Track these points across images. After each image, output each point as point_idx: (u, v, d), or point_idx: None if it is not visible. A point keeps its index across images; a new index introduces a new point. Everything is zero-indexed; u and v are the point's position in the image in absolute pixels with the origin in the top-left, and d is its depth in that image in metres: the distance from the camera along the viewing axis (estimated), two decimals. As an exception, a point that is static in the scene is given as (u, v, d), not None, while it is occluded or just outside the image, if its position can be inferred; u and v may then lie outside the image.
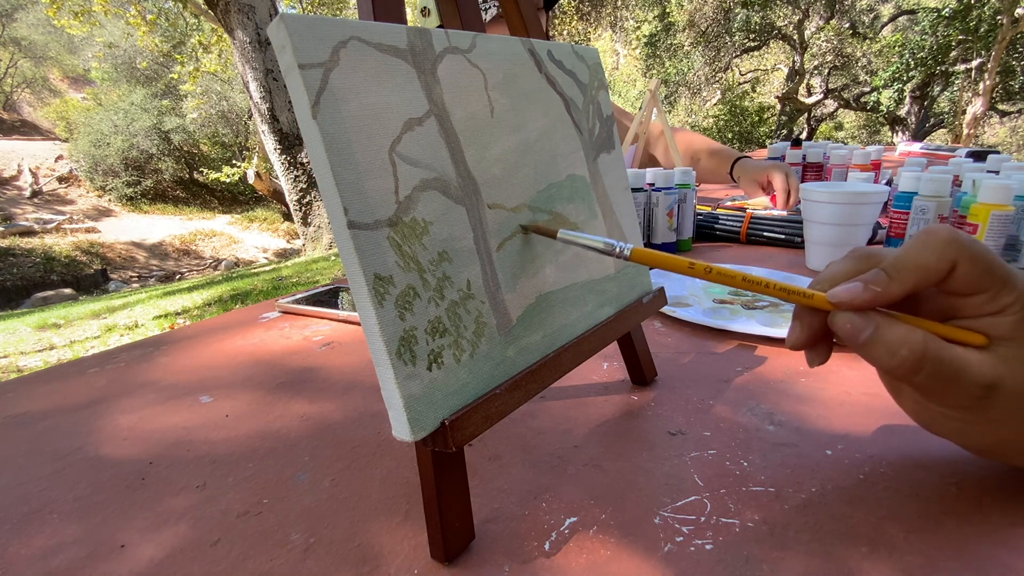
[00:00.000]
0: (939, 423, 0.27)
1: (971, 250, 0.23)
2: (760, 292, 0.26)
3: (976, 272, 0.23)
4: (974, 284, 0.23)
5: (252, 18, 4.04)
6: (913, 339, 0.23)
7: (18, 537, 0.30)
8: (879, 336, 0.23)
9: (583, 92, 0.37)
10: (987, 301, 0.23)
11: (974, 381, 0.23)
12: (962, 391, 0.23)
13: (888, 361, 0.23)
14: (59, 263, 7.79)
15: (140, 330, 3.05)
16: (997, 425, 0.24)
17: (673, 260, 0.27)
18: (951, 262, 0.23)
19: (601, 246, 0.28)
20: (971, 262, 0.23)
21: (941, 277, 0.23)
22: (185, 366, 0.53)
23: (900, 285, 0.23)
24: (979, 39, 7.26)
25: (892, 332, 0.23)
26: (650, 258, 0.27)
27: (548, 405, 0.40)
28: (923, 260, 0.23)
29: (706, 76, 9.92)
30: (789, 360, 0.45)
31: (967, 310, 0.24)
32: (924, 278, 0.23)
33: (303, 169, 4.35)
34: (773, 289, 0.25)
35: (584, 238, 0.29)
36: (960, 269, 0.23)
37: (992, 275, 0.23)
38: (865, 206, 0.66)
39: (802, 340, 0.26)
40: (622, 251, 0.28)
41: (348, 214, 0.22)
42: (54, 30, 10.74)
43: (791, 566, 0.24)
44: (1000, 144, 10.93)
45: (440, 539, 0.25)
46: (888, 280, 0.24)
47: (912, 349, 0.23)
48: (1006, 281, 0.23)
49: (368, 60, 0.24)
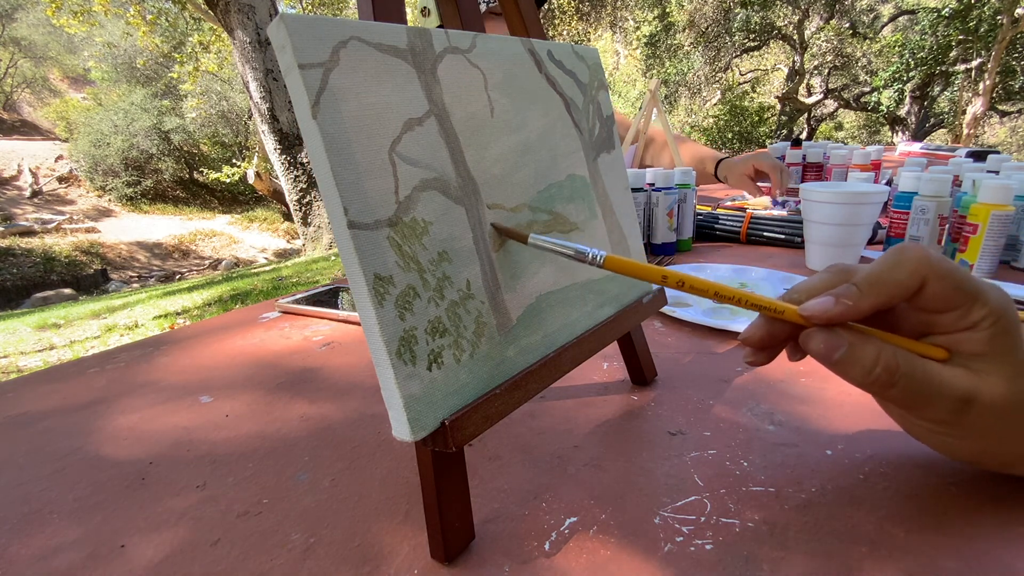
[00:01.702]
0: (923, 435, 0.27)
1: (940, 268, 0.23)
2: (733, 305, 0.26)
3: (945, 289, 0.23)
4: (945, 301, 0.24)
5: (252, 18, 4.04)
6: (885, 356, 0.23)
7: (18, 537, 0.30)
8: (852, 355, 0.24)
9: (583, 92, 0.37)
10: (959, 317, 0.24)
11: (949, 395, 0.24)
12: (938, 404, 0.24)
13: (863, 379, 0.24)
14: (59, 263, 7.78)
15: (140, 330, 3.04)
16: (977, 437, 0.25)
17: (646, 269, 0.26)
18: (921, 279, 0.23)
19: (572, 253, 0.27)
20: (940, 279, 0.23)
21: (910, 293, 0.24)
22: (185, 366, 0.53)
23: (870, 299, 0.24)
24: (979, 39, 7.26)
25: (864, 350, 0.24)
26: (623, 266, 0.27)
27: (548, 405, 0.40)
28: (893, 276, 0.24)
29: (706, 76, 9.92)
30: (789, 360, 0.44)
31: (941, 326, 0.25)
32: (894, 293, 0.24)
33: (303, 169, 4.35)
34: (745, 303, 0.26)
35: (555, 244, 0.27)
36: (930, 286, 0.23)
37: (962, 292, 0.23)
38: (865, 206, 0.66)
39: (756, 339, 0.27)
40: (595, 258, 0.27)
41: (348, 214, 0.22)
42: (54, 30, 10.75)
43: (791, 566, 0.24)
44: (1000, 144, 10.92)
45: (440, 539, 0.25)
46: (859, 294, 0.24)
47: (885, 366, 0.23)
48: (976, 297, 0.23)
49: (368, 60, 0.24)
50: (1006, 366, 0.23)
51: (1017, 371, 0.24)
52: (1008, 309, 0.24)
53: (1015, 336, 0.24)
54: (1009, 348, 0.23)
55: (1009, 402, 0.23)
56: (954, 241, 0.70)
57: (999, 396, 0.23)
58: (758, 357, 0.27)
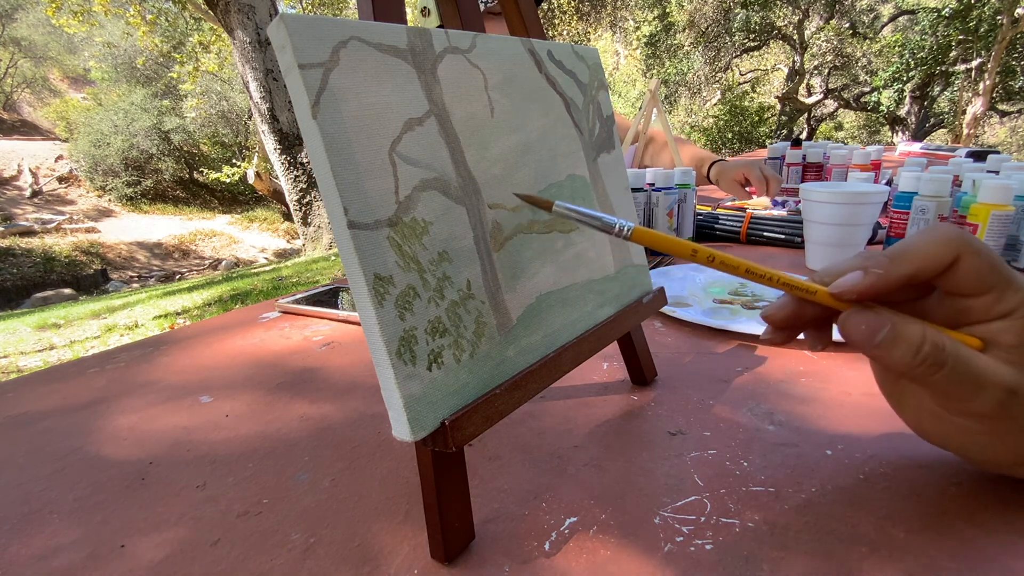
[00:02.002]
0: (955, 436, 0.25)
1: (975, 245, 0.22)
2: (763, 283, 0.26)
3: (980, 267, 0.22)
4: (978, 281, 0.23)
5: (252, 18, 4.04)
6: (931, 334, 0.22)
7: (18, 537, 0.30)
8: (898, 334, 0.22)
9: (583, 92, 0.37)
10: (993, 303, 0.23)
11: (996, 382, 0.22)
12: (985, 394, 0.22)
13: (911, 358, 0.22)
14: (59, 263, 7.78)
15: (140, 330, 3.04)
16: (1019, 434, 0.23)
17: (676, 243, 0.26)
18: (954, 254, 0.22)
19: (599, 223, 0.26)
20: (975, 256, 0.22)
21: (943, 267, 0.23)
22: (185, 366, 0.53)
23: (900, 268, 0.23)
24: (979, 39, 7.25)
25: (910, 329, 0.22)
26: (652, 239, 0.26)
27: (548, 405, 0.40)
28: (926, 248, 0.23)
29: (706, 76, 9.92)
30: (789, 360, 0.45)
31: (974, 314, 0.23)
32: (925, 265, 0.23)
33: (303, 169, 4.35)
34: (776, 282, 0.25)
35: (582, 212, 0.27)
36: (964, 263, 0.22)
37: (996, 273, 0.22)
38: (865, 206, 0.66)
39: (780, 318, 0.26)
40: (622, 229, 0.26)
41: (348, 214, 0.22)
42: (54, 30, 10.74)
43: (791, 566, 0.24)
44: (1000, 144, 10.92)
45: (440, 539, 0.25)
46: (888, 263, 0.23)
47: (933, 344, 0.22)
48: (1010, 282, 0.22)
49: (368, 60, 0.24)
50: None
51: None
52: None
53: None
54: None
55: None
56: (954, 241, 0.70)
57: None
58: (777, 336, 0.26)
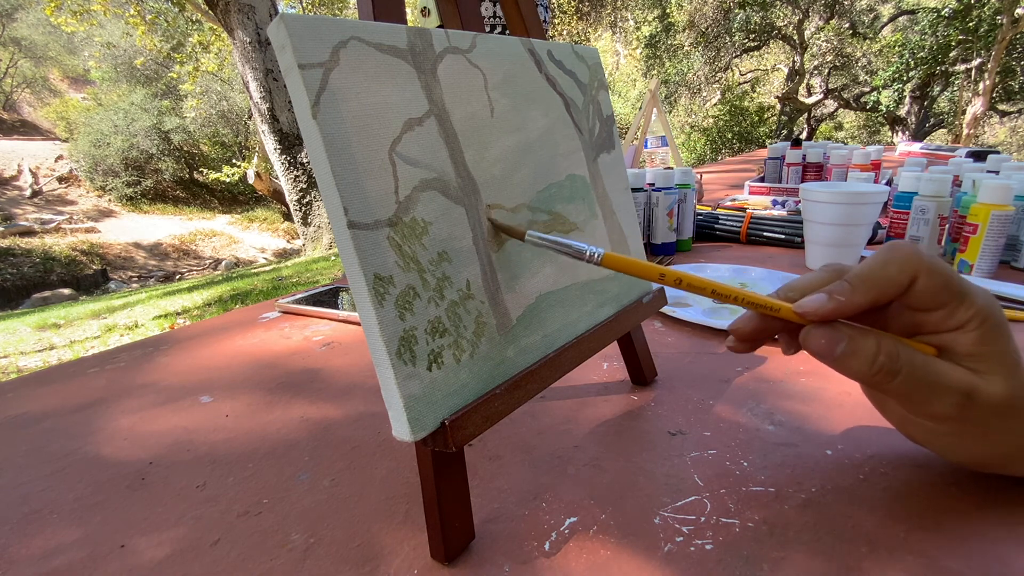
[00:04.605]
0: (925, 437, 0.27)
1: (930, 265, 0.24)
2: (731, 303, 0.27)
3: (935, 286, 0.24)
4: (933, 298, 0.24)
5: (252, 18, 4.03)
6: (886, 345, 0.24)
7: (18, 537, 0.30)
8: (853, 347, 0.24)
9: (583, 92, 0.37)
10: (946, 316, 0.24)
11: (952, 386, 0.24)
12: (942, 398, 0.24)
13: (867, 369, 0.24)
14: (59, 263, 7.78)
15: (140, 330, 3.04)
16: (978, 435, 0.25)
17: (644, 267, 0.26)
18: (911, 275, 0.24)
19: (570, 250, 0.26)
20: (930, 276, 0.24)
21: (901, 290, 0.24)
22: (185, 366, 0.52)
23: (862, 295, 0.24)
24: (979, 39, 7.25)
25: (865, 341, 0.24)
26: (621, 264, 0.26)
27: (548, 405, 0.40)
28: (885, 272, 0.24)
29: (706, 76, 9.92)
30: (789, 360, 0.45)
31: (929, 326, 0.25)
32: (885, 289, 0.24)
33: (303, 169, 4.34)
34: (742, 301, 0.26)
35: (552, 241, 0.27)
36: (919, 282, 0.24)
37: (949, 290, 0.24)
38: (865, 206, 0.66)
39: (747, 332, 0.27)
40: (593, 256, 0.26)
41: (348, 214, 0.22)
42: (54, 30, 10.74)
43: (791, 566, 0.24)
44: (1000, 144, 10.92)
45: (440, 539, 0.25)
46: (851, 290, 0.24)
47: (888, 354, 0.23)
48: (963, 297, 0.24)
49: (368, 60, 0.24)
50: (1000, 365, 0.24)
51: (1010, 369, 0.24)
52: (994, 310, 0.24)
53: (1005, 336, 0.24)
54: (1000, 348, 0.24)
55: (1007, 399, 0.24)
56: (954, 241, 0.70)
57: (997, 394, 0.23)
58: (742, 347, 0.28)
